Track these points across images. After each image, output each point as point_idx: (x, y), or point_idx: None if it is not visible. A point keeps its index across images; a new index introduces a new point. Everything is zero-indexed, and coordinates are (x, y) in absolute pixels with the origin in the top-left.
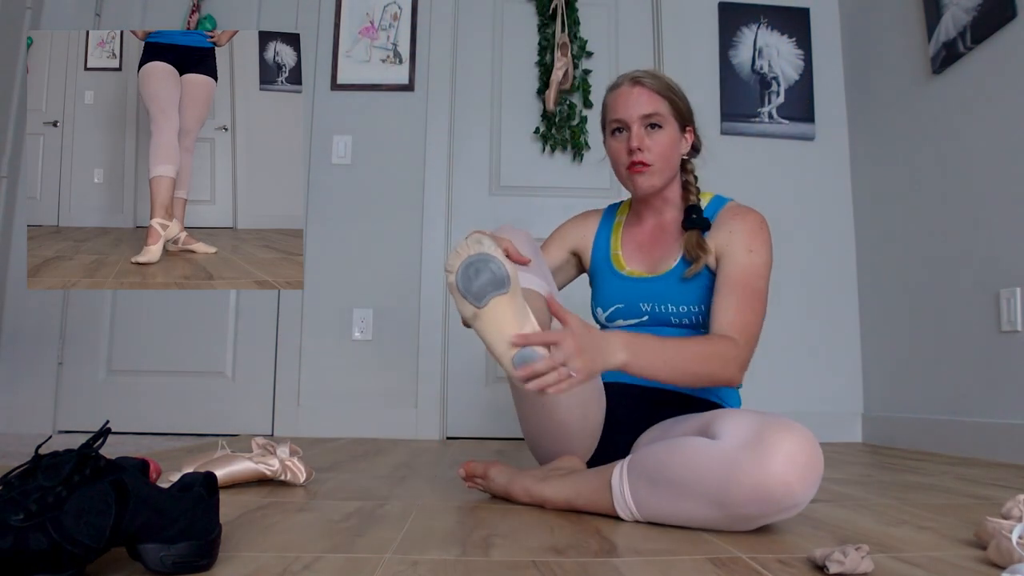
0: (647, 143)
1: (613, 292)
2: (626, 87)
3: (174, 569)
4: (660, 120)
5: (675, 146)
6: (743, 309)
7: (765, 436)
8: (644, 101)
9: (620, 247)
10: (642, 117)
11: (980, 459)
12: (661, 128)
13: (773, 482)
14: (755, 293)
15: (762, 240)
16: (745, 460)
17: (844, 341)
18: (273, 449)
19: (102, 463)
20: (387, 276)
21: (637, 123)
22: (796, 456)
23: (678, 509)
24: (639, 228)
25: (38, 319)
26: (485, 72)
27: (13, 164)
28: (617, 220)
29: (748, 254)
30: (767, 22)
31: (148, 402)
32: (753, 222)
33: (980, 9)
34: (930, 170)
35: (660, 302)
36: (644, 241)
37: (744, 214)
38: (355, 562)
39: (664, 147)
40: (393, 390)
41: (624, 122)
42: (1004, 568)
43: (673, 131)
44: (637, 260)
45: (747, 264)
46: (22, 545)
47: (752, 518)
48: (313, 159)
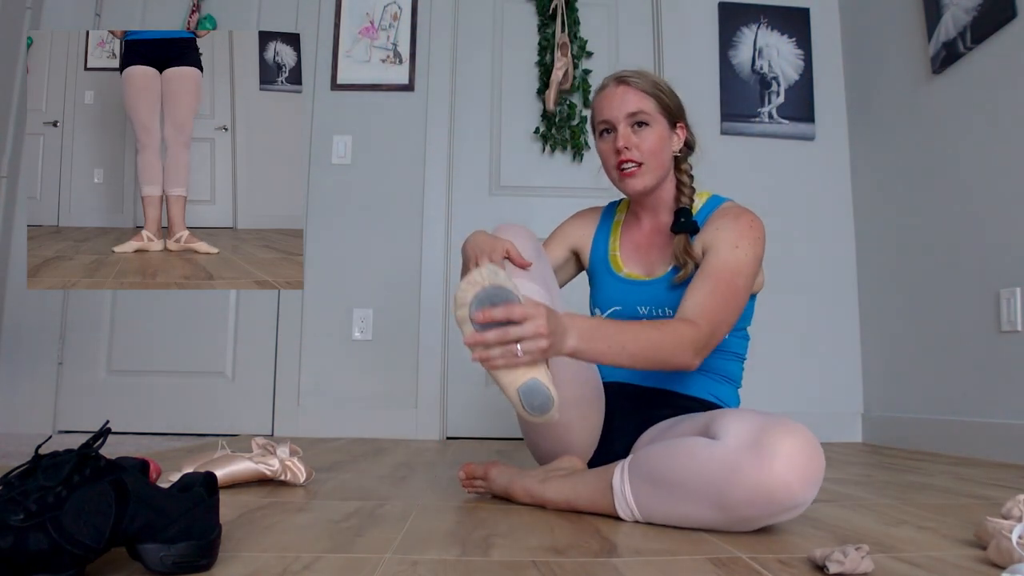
0: (634, 141)
1: (611, 293)
2: (611, 87)
3: (174, 569)
4: (646, 118)
5: (664, 143)
6: (714, 297)
7: (766, 437)
8: (629, 99)
9: (618, 248)
10: (628, 116)
11: (980, 459)
12: (648, 126)
13: (774, 483)
14: (730, 288)
15: (751, 239)
16: (746, 461)
17: (844, 341)
18: (273, 449)
19: (102, 463)
20: (387, 276)
21: (623, 122)
22: (797, 457)
23: (679, 510)
24: (637, 229)
25: (38, 319)
26: (485, 72)
27: (13, 164)
28: (616, 219)
29: (733, 250)
30: (767, 22)
31: (148, 402)
32: (744, 221)
33: (980, 9)
34: (930, 170)
35: (657, 306)
36: (642, 243)
37: (737, 214)
38: (355, 562)
39: (652, 144)
40: (393, 390)
41: (610, 122)
42: (1004, 568)
43: (661, 128)
44: (634, 262)
45: (729, 259)
46: (22, 545)
47: (753, 519)
48: (313, 159)
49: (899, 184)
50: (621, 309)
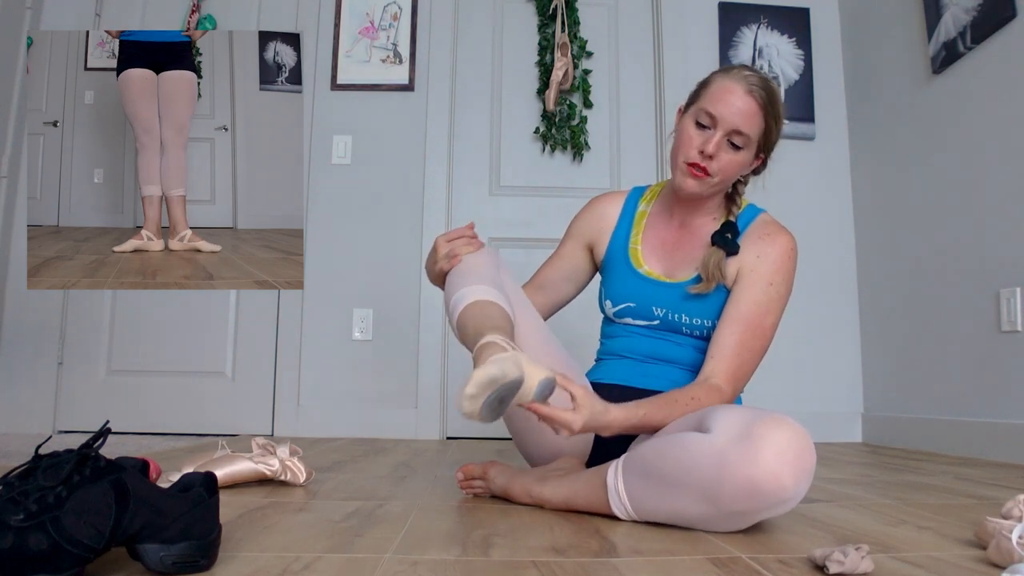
0: (720, 154)
1: (626, 289)
2: (741, 89)
3: (174, 569)
4: (745, 142)
5: (743, 168)
6: (741, 351)
7: (755, 430)
8: (745, 116)
9: (640, 241)
10: (734, 130)
11: (980, 459)
12: (741, 149)
13: (762, 476)
14: (760, 331)
15: (786, 272)
16: (735, 453)
17: (844, 341)
18: (273, 449)
19: (102, 463)
20: (387, 276)
21: (724, 131)
22: (786, 450)
23: (671, 504)
24: (666, 224)
25: (38, 319)
26: (485, 72)
27: (13, 164)
28: (641, 210)
29: (767, 288)
30: (767, 22)
31: (148, 402)
32: (783, 249)
33: (980, 9)
34: (930, 170)
35: (675, 310)
36: (668, 240)
37: (775, 236)
38: (355, 562)
39: (734, 168)
40: (393, 390)
41: (717, 120)
42: (1004, 568)
43: (749, 155)
44: (656, 260)
45: (762, 300)
46: (22, 545)
47: (744, 514)
48: (313, 159)
49: (899, 184)
50: (635, 306)
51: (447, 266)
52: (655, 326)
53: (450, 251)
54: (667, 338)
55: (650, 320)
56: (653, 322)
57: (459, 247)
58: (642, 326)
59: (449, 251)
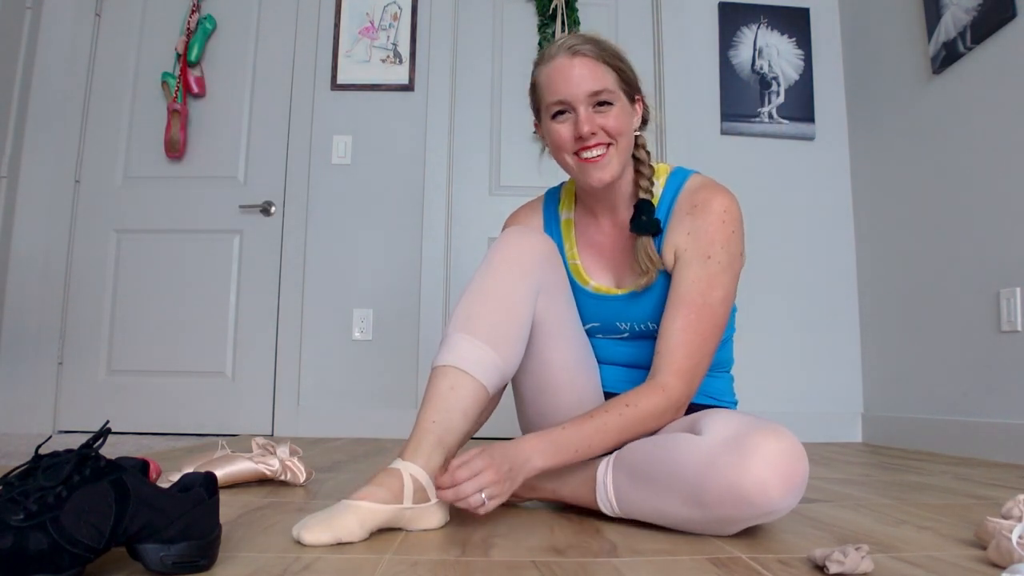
0: (598, 123)
1: (585, 310)
2: (563, 59)
3: (174, 569)
4: (610, 96)
5: (628, 122)
6: (689, 337)
7: (747, 436)
8: (588, 75)
9: (578, 255)
10: (590, 95)
11: (980, 459)
12: (611, 105)
13: (749, 482)
14: (707, 310)
15: (724, 238)
16: (723, 458)
17: (844, 341)
18: (273, 449)
19: (102, 463)
20: (387, 276)
21: (584, 103)
22: (776, 460)
23: (656, 504)
24: (596, 229)
25: (38, 319)
26: (485, 72)
27: (13, 164)
28: (565, 218)
29: (706, 262)
30: (767, 22)
31: (148, 402)
32: (716, 216)
33: (980, 9)
34: (930, 170)
35: (638, 320)
36: (605, 245)
37: (706, 204)
38: (355, 562)
39: (620, 123)
40: (393, 390)
41: (568, 103)
42: (1004, 568)
43: (625, 105)
44: (600, 271)
45: (703, 275)
46: (22, 545)
47: (728, 521)
48: (313, 159)
49: (899, 184)
50: (599, 325)
51: (482, 510)
52: (625, 338)
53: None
54: (643, 346)
55: (620, 334)
56: (623, 335)
57: (467, 494)
58: (614, 339)
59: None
